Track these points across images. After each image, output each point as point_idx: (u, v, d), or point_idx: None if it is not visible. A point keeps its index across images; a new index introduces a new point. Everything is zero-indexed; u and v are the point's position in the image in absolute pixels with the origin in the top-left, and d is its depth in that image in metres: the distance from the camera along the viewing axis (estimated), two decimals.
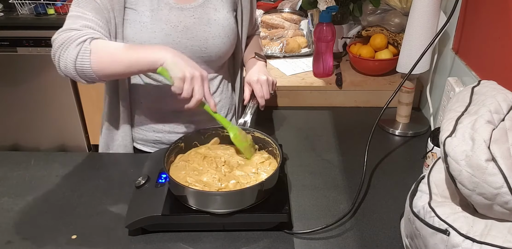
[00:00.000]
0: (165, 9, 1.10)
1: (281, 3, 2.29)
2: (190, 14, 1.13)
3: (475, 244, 0.68)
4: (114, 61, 1.00)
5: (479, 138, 0.70)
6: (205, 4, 1.15)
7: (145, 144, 1.27)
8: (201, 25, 1.14)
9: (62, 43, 0.99)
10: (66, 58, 0.98)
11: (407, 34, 1.24)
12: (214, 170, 1.00)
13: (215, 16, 1.15)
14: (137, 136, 1.26)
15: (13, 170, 1.18)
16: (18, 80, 2.46)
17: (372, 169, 1.19)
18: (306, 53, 1.81)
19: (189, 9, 1.13)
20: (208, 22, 1.14)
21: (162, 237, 0.95)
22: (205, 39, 1.14)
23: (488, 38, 1.09)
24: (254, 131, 1.10)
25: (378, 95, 1.54)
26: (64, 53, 0.99)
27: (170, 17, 1.10)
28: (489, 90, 0.84)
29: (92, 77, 1.01)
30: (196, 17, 1.13)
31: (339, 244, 0.94)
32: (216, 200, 0.92)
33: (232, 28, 1.19)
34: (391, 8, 1.63)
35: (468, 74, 1.18)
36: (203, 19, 1.14)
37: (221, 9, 1.17)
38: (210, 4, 1.15)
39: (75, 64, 0.98)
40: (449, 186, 0.79)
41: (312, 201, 1.07)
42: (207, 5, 1.15)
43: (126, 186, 1.08)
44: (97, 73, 1.00)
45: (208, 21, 1.14)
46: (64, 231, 0.97)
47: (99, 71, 1.00)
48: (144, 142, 1.27)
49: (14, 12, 2.48)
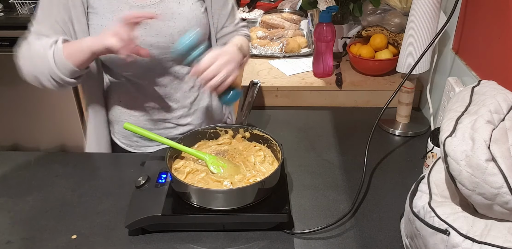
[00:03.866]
0: (125, 9, 1.10)
1: (281, 3, 2.29)
2: (151, 11, 1.12)
3: (475, 244, 0.68)
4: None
5: (479, 138, 0.70)
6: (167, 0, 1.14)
7: (128, 144, 1.29)
8: (164, 20, 1.13)
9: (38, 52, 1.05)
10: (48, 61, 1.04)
11: (407, 34, 1.24)
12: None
13: (179, 10, 1.14)
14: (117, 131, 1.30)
15: (13, 170, 1.18)
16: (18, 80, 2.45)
17: (372, 169, 1.19)
18: (306, 53, 1.81)
19: (150, 6, 1.12)
20: (171, 16, 1.13)
21: (162, 237, 0.95)
22: (170, 34, 1.13)
23: (488, 38, 1.09)
24: (252, 129, 1.10)
25: (378, 95, 1.54)
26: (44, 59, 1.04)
27: None
28: (489, 90, 0.84)
29: (71, 67, 1.04)
30: (158, 13, 1.12)
31: (339, 244, 0.94)
32: (218, 197, 0.93)
33: (199, 19, 1.17)
34: (391, 8, 1.63)
35: (468, 74, 1.18)
36: (166, 15, 1.13)
37: (185, 2, 1.15)
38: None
39: (54, 60, 1.03)
40: (449, 186, 0.79)
41: (312, 201, 1.07)
42: (169, 0, 1.14)
43: (126, 186, 1.08)
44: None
45: (171, 16, 1.13)
46: (64, 231, 0.97)
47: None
48: (125, 140, 1.29)
49: (14, 12, 2.49)
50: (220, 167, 1.01)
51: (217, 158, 1.03)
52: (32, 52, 1.07)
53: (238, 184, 0.97)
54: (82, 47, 1.03)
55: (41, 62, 1.05)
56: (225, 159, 1.05)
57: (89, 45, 1.02)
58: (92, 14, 1.10)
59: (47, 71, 1.05)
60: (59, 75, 1.05)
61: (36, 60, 1.06)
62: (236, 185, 0.97)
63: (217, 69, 0.99)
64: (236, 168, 1.03)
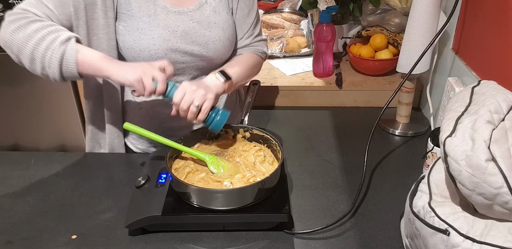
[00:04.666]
0: (162, 14, 1.08)
1: (281, 3, 2.29)
2: (189, 18, 1.11)
3: (475, 244, 0.68)
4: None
5: (479, 138, 0.70)
6: (204, 7, 1.12)
7: (144, 149, 1.27)
8: (201, 29, 1.12)
9: (34, 31, 0.97)
10: (51, 55, 0.97)
11: (407, 34, 1.24)
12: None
13: (215, 19, 1.13)
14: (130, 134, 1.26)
15: (13, 170, 1.18)
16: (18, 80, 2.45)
17: (372, 169, 1.19)
18: (306, 53, 1.81)
19: (187, 13, 1.11)
20: (208, 25, 1.12)
21: (162, 237, 0.95)
22: (205, 43, 1.13)
23: (488, 38, 1.09)
24: (252, 128, 1.10)
25: (378, 95, 1.54)
26: (48, 50, 0.97)
27: (168, 22, 1.09)
28: (489, 90, 0.84)
29: (74, 72, 0.99)
30: (195, 21, 1.11)
31: (339, 244, 0.94)
32: (218, 197, 0.93)
33: (232, 30, 1.16)
34: (391, 8, 1.63)
35: (468, 74, 1.18)
36: (203, 23, 1.12)
37: (220, 10, 1.14)
38: (208, 6, 1.13)
39: (61, 61, 0.97)
40: (449, 186, 0.79)
41: (312, 201, 1.07)
42: (206, 8, 1.13)
43: (126, 186, 1.08)
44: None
45: (208, 25, 1.12)
46: (64, 231, 0.97)
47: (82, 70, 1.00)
48: (142, 146, 1.27)
49: None
50: (220, 167, 1.01)
51: (217, 158, 1.03)
52: (36, 34, 0.97)
53: (238, 184, 0.97)
54: (100, 68, 0.98)
55: (43, 52, 0.97)
56: (225, 159, 1.05)
57: (110, 73, 0.97)
58: (125, 15, 1.07)
59: (45, 63, 0.98)
60: (55, 73, 1.00)
61: (37, 46, 0.98)
62: (236, 185, 0.97)
63: (189, 98, 0.99)
64: (236, 168, 1.03)
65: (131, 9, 1.07)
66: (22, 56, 0.99)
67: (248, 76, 1.20)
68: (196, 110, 0.99)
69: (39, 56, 0.98)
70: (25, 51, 0.98)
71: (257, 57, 1.24)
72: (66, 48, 0.97)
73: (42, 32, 0.97)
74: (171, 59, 1.09)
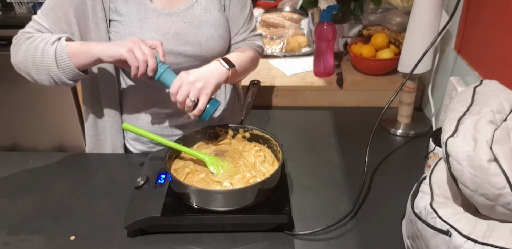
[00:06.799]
0: (153, 17, 1.08)
1: (281, 2, 2.28)
2: (180, 19, 1.11)
3: (477, 245, 0.67)
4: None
5: (481, 138, 0.69)
6: (194, 6, 1.12)
7: (138, 139, 1.27)
8: (192, 29, 1.11)
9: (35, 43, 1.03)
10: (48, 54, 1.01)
11: (408, 34, 1.24)
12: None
13: (206, 17, 1.13)
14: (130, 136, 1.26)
15: (11, 170, 1.17)
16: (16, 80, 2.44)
17: (373, 169, 1.18)
18: (307, 52, 1.80)
19: (178, 14, 1.10)
20: (199, 25, 1.12)
21: (161, 238, 0.95)
22: (197, 43, 1.12)
23: (490, 38, 1.09)
24: (252, 129, 1.10)
25: (379, 95, 1.54)
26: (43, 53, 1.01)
27: (159, 24, 1.09)
28: (491, 90, 0.84)
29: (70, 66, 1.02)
30: (186, 22, 1.11)
31: (340, 245, 0.93)
32: (218, 198, 0.92)
33: (224, 27, 1.16)
34: (392, 7, 1.62)
35: (470, 74, 1.17)
36: (194, 23, 1.12)
37: (212, 8, 1.14)
38: (199, 5, 1.12)
39: (56, 57, 1.01)
40: (451, 187, 0.79)
41: (313, 202, 1.06)
42: (196, 7, 1.12)
43: (125, 187, 1.08)
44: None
45: (199, 24, 1.12)
46: (63, 232, 0.96)
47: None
48: (142, 146, 1.26)
49: (12, 11, 2.48)
50: (220, 167, 1.00)
51: (217, 158, 1.03)
52: (31, 46, 1.03)
53: (238, 185, 0.96)
54: (89, 51, 1.00)
55: (40, 57, 1.02)
56: (225, 159, 1.04)
57: (100, 51, 0.99)
58: (117, 22, 1.08)
59: (46, 67, 1.02)
60: (58, 74, 1.02)
61: (34, 55, 1.02)
62: (236, 186, 0.96)
63: (185, 90, 0.98)
64: (236, 168, 1.02)
65: (122, 15, 1.08)
66: (31, 71, 1.04)
67: (248, 69, 1.20)
68: (192, 105, 1.00)
69: (39, 63, 1.02)
70: (29, 65, 1.03)
71: (254, 51, 1.23)
72: (57, 46, 1.01)
73: (35, 42, 1.03)
74: (165, 61, 1.08)
